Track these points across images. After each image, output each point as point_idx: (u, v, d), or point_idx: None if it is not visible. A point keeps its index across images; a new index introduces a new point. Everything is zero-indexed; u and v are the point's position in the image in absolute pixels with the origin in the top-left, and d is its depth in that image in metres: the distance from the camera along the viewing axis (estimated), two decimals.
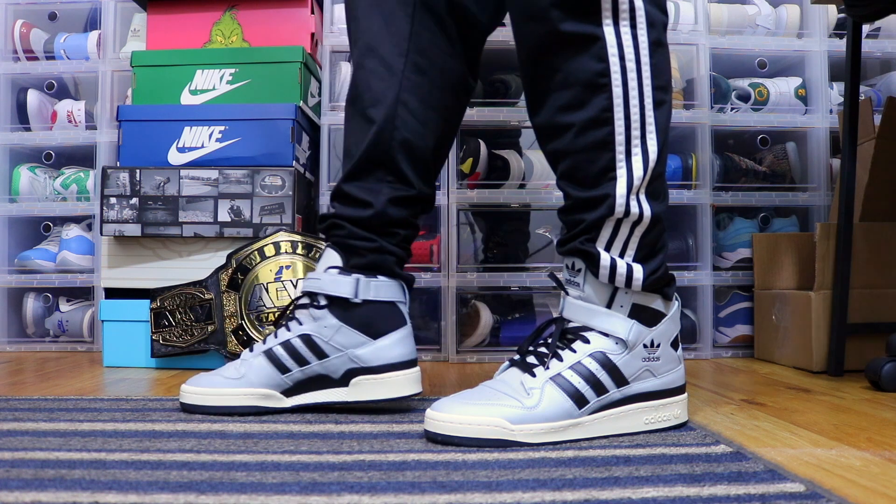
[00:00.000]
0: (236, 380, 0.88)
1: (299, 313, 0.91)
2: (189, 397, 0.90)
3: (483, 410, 0.73)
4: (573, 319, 0.80)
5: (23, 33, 1.67)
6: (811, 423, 0.85)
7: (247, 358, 0.90)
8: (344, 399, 0.90)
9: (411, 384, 0.91)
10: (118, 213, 1.34)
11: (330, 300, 0.90)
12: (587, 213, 0.79)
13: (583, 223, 0.80)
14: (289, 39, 1.47)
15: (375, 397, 0.89)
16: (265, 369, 0.89)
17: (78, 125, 1.65)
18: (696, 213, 1.53)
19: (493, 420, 0.72)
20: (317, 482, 0.60)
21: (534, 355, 0.79)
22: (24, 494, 0.55)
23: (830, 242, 1.31)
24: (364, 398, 0.89)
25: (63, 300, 1.63)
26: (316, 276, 0.91)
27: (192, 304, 1.30)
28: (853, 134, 1.29)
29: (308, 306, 0.90)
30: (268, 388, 0.89)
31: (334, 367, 0.89)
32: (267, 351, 0.89)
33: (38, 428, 0.79)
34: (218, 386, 0.89)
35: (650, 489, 0.58)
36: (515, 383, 0.77)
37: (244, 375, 0.89)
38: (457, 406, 0.74)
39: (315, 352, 0.89)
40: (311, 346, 0.89)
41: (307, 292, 0.91)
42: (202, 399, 0.88)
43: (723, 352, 1.54)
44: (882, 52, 1.65)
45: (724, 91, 1.58)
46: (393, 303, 0.91)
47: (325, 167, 1.49)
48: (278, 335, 0.90)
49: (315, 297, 0.90)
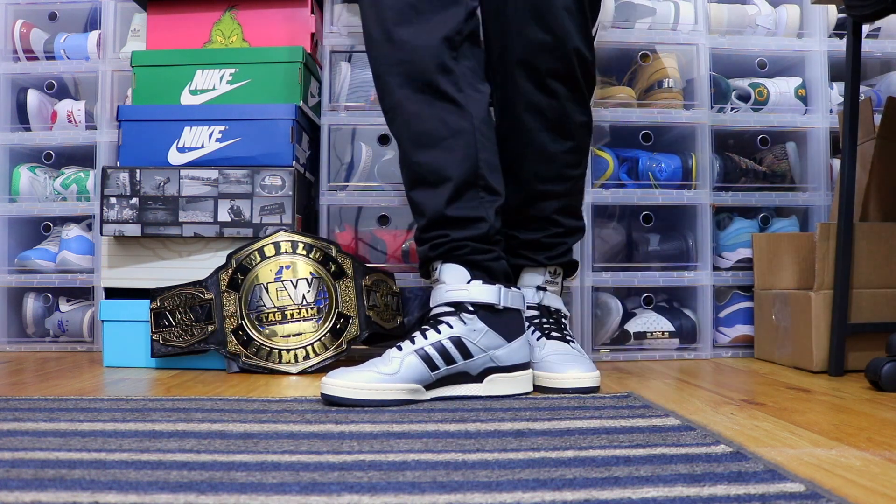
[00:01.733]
0: (391, 375, 0.97)
1: (448, 319, 1.03)
2: (340, 390, 0.94)
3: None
4: (551, 305, 1.20)
5: (23, 33, 1.67)
6: (811, 423, 0.85)
7: (397, 356, 0.99)
8: (478, 393, 1.03)
9: (530, 382, 1.08)
10: (118, 213, 1.34)
11: (476, 307, 1.03)
12: (571, 237, 1.22)
13: (565, 245, 1.20)
14: (289, 39, 1.47)
15: (508, 392, 1.04)
16: (417, 367, 0.98)
17: (78, 125, 1.65)
18: (696, 213, 1.53)
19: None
20: (317, 482, 0.60)
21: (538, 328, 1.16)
22: (24, 494, 0.55)
23: (830, 242, 1.31)
24: (497, 393, 1.04)
25: (63, 300, 1.63)
26: (462, 288, 1.04)
27: (192, 304, 1.30)
28: (853, 134, 1.29)
29: (456, 313, 1.03)
30: (416, 383, 0.98)
31: (476, 365, 1.03)
32: (419, 350, 0.99)
33: (38, 428, 0.79)
34: (376, 381, 0.96)
35: (650, 489, 0.58)
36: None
37: (398, 372, 0.97)
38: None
39: (462, 352, 1.01)
40: (461, 347, 1.01)
41: (453, 302, 1.03)
42: (357, 393, 0.94)
43: (723, 352, 1.54)
44: (882, 52, 1.64)
45: (724, 91, 1.58)
46: (519, 311, 1.07)
47: (325, 167, 1.49)
48: (427, 337, 1.01)
49: (462, 306, 1.03)
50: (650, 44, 1.57)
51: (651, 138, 1.57)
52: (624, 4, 1.57)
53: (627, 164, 1.57)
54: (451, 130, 1.06)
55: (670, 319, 1.51)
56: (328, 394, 0.95)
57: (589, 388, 1.06)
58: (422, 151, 1.07)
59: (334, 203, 1.49)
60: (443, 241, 1.07)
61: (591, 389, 1.06)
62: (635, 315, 1.53)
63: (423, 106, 1.06)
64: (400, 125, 1.09)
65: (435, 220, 1.06)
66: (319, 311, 1.28)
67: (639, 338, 1.50)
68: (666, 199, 1.52)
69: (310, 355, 1.27)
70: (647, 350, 1.50)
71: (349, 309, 1.29)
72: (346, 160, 1.54)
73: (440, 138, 1.06)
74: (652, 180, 1.54)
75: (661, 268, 1.54)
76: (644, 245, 1.57)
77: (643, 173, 1.55)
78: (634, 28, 1.57)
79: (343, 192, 1.51)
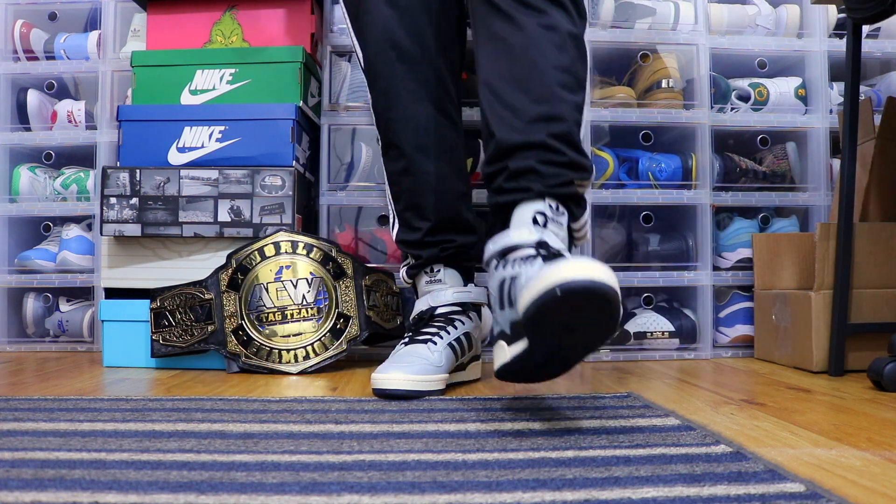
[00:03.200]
0: (439, 367, 1.06)
1: (459, 317, 1.15)
2: (398, 383, 1.00)
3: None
4: (553, 246, 1.14)
5: (23, 33, 1.67)
6: (811, 423, 0.85)
7: (437, 349, 1.08)
8: (463, 379, 1.16)
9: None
10: (118, 213, 1.34)
11: (477, 307, 1.19)
12: (574, 171, 1.04)
13: (567, 176, 1.04)
14: (289, 39, 1.47)
15: (478, 376, 1.21)
16: (450, 358, 1.10)
17: (78, 125, 1.65)
18: (696, 213, 1.53)
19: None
20: (317, 482, 0.60)
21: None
22: (24, 494, 0.55)
23: (830, 242, 1.31)
24: (475, 377, 1.20)
25: (63, 300, 1.63)
26: (466, 290, 1.17)
27: (192, 304, 1.30)
28: (853, 134, 1.29)
29: (464, 312, 1.16)
30: (449, 373, 1.09)
31: (470, 356, 1.16)
32: (450, 343, 1.10)
33: (38, 428, 0.79)
34: (431, 374, 1.04)
35: (650, 489, 0.58)
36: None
37: (443, 364, 1.07)
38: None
39: (469, 345, 1.15)
40: (469, 340, 1.14)
41: (462, 302, 1.15)
42: (414, 384, 1.01)
43: (723, 352, 1.54)
44: (882, 52, 1.64)
45: (723, 91, 1.58)
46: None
47: (324, 167, 1.49)
48: (450, 332, 1.12)
49: (467, 305, 1.16)
50: (650, 44, 1.57)
51: (651, 138, 1.57)
52: (624, 4, 1.57)
53: (627, 164, 1.57)
54: (450, 148, 1.18)
55: (670, 319, 1.51)
56: (388, 388, 0.99)
57: (602, 283, 0.74)
58: (427, 159, 1.16)
59: (334, 203, 1.49)
60: (450, 246, 1.16)
61: (602, 287, 0.74)
62: (635, 315, 1.53)
63: (430, 119, 1.16)
64: (402, 128, 1.16)
65: (443, 222, 1.16)
66: (319, 311, 1.28)
67: (639, 338, 1.50)
68: (666, 199, 1.52)
69: (310, 355, 1.27)
70: (647, 350, 1.50)
71: (349, 309, 1.29)
72: (346, 160, 1.54)
73: (444, 150, 1.17)
74: (652, 180, 1.54)
75: (661, 268, 1.54)
76: (644, 245, 1.58)
77: (643, 173, 1.55)
78: (634, 28, 1.57)
79: (343, 192, 1.51)
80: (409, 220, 1.18)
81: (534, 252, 0.85)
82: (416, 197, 1.16)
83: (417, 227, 1.17)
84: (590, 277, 0.73)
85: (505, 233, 0.90)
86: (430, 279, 1.18)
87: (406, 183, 1.17)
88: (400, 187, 1.18)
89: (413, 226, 1.18)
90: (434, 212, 1.16)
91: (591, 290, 0.73)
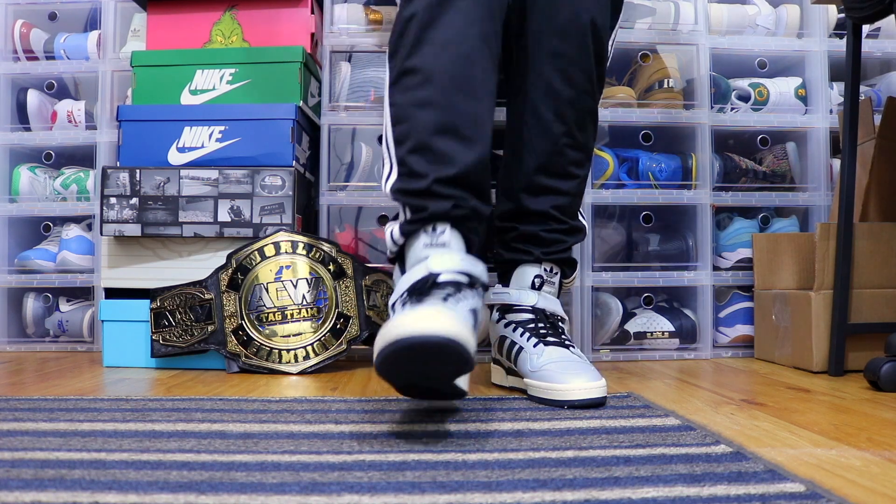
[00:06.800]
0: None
1: (468, 290, 0.92)
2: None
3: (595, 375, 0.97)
4: (547, 308, 1.08)
5: (23, 33, 1.67)
6: (811, 423, 0.85)
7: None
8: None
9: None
10: (118, 213, 1.34)
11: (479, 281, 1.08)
12: (571, 237, 1.12)
13: (565, 243, 1.11)
14: (289, 39, 1.47)
15: None
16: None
17: (78, 125, 1.65)
18: (696, 213, 1.53)
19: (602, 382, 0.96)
20: (317, 482, 0.60)
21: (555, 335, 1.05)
22: (24, 494, 0.55)
23: (830, 242, 1.31)
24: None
25: (63, 300, 1.63)
26: (476, 263, 0.92)
27: (192, 304, 1.30)
28: (853, 134, 1.29)
29: (473, 286, 0.92)
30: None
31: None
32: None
33: (38, 428, 0.79)
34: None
35: (650, 489, 0.58)
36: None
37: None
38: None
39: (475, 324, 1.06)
40: (476, 318, 0.98)
41: (471, 273, 0.91)
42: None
43: (723, 352, 1.54)
44: (882, 52, 1.64)
45: (723, 91, 1.58)
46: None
47: (325, 167, 1.49)
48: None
49: (475, 278, 0.94)
50: (650, 44, 1.57)
51: (651, 138, 1.57)
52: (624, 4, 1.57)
53: (627, 164, 1.57)
54: (490, 94, 0.96)
55: (670, 319, 1.51)
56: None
57: (596, 399, 0.94)
58: (464, 97, 0.93)
59: (334, 203, 1.49)
60: (464, 205, 0.93)
61: (598, 402, 0.94)
62: (635, 315, 1.53)
63: (477, 50, 0.94)
64: (437, 52, 0.93)
65: (464, 176, 0.92)
66: (319, 311, 1.28)
67: (639, 338, 1.50)
68: (666, 199, 1.52)
69: (310, 355, 1.27)
70: (647, 350, 1.50)
71: (349, 309, 1.29)
72: (346, 160, 1.54)
73: (486, 94, 0.95)
74: (652, 180, 1.54)
75: (661, 268, 1.54)
76: (644, 245, 1.58)
77: (643, 173, 1.55)
78: (634, 28, 1.57)
79: (343, 192, 1.51)
80: (415, 165, 0.93)
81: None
82: (433, 137, 0.92)
83: (424, 173, 0.92)
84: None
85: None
86: (429, 241, 0.92)
87: (424, 118, 0.92)
88: (411, 124, 0.94)
89: (418, 172, 0.93)
90: (456, 160, 0.92)
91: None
